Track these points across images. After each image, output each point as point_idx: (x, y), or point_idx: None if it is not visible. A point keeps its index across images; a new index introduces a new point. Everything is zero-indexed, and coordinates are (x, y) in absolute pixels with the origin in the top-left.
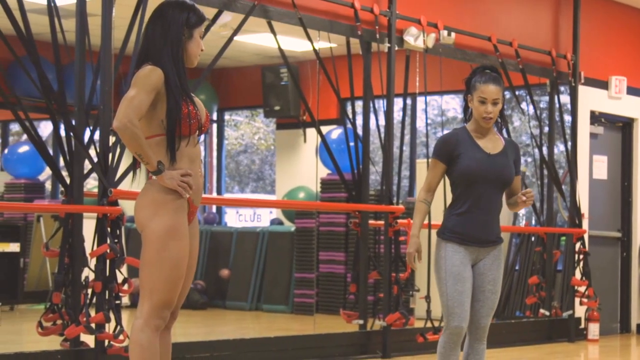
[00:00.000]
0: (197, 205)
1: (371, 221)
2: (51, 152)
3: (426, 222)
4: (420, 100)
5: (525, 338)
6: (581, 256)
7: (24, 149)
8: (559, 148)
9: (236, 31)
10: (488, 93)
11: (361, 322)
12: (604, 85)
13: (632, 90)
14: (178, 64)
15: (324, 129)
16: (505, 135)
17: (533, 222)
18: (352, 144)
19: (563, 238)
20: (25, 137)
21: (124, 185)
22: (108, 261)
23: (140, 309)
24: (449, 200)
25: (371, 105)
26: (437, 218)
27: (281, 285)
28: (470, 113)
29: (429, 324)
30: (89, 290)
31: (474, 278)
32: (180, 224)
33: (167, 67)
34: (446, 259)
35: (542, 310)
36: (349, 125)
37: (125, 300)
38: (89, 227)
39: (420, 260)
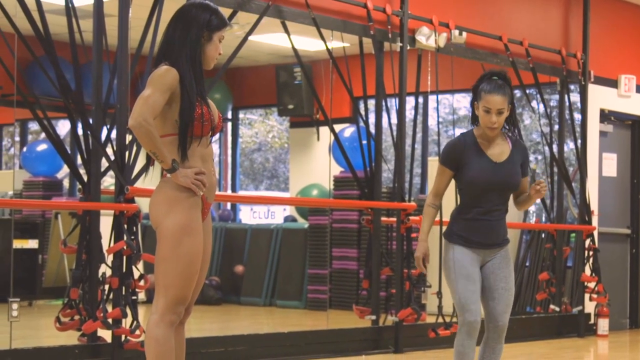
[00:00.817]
0: (211, 203)
1: (383, 218)
2: (69, 150)
3: (437, 218)
4: (432, 99)
5: (536, 333)
6: (591, 253)
7: (43, 147)
8: (569, 146)
9: (251, 31)
10: (492, 103)
11: (374, 317)
12: (613, 83)
13: None
14: (195, 65)
15: (337, 127)
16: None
17: (543, 219)
18: (364, 142)
19: (573, 235)
20: (43, 135)
21: (141, 183)
22: (125, 257)
23: (156, 304)
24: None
25: (383, 103)
26: (448, 216)
27: (295, 281)
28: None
29: (440, 320)
30: (106, 286)
31: (485, 279)
32: (194, 221)
33: (183, 67)
34: (455, 261)
35: (552, 306)
36: (361, 124)
37: (142, 296)
38: (106, 224)
39: (428, 263)
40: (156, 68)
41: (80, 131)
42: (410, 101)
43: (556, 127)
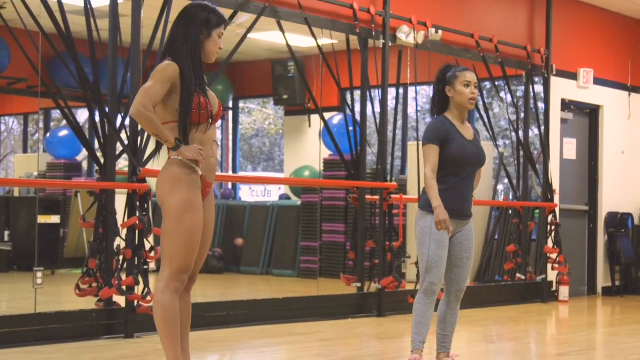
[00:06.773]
0: (211, 182)
1: (368, 196)
2: (87, 135)
3: (415, 197)
4: (411, 90)
5: (504, 299)
6: (553, 227)
7: (64, 133)
8: (534, 132)
9: (249, 29)
10: (471, 77)
11: (359, 285)
12: (573, 76)
13: (598, 81)
14: (194, 60)
15: (327, 115)
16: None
17: (510, 197)
18: (351, 128)
19: (537, 211)
20: (65, 122)
21: (151, 165)
22: (137, 231)
23: (162, 273)
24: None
25: (368, 94)
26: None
27: (289, 253)
28: (444, 104)
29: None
30: (121, 257)
31: (453, 247)
32: (194, 199)
33: (184, 62)
34: (432, 227)
35: (518, 275)
36: (348, 112)
37: (152, 265)
38: (120, 201)
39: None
40: (161, 62)
41: (97, 119)
42: (391, 92)
43: (522, 115)
